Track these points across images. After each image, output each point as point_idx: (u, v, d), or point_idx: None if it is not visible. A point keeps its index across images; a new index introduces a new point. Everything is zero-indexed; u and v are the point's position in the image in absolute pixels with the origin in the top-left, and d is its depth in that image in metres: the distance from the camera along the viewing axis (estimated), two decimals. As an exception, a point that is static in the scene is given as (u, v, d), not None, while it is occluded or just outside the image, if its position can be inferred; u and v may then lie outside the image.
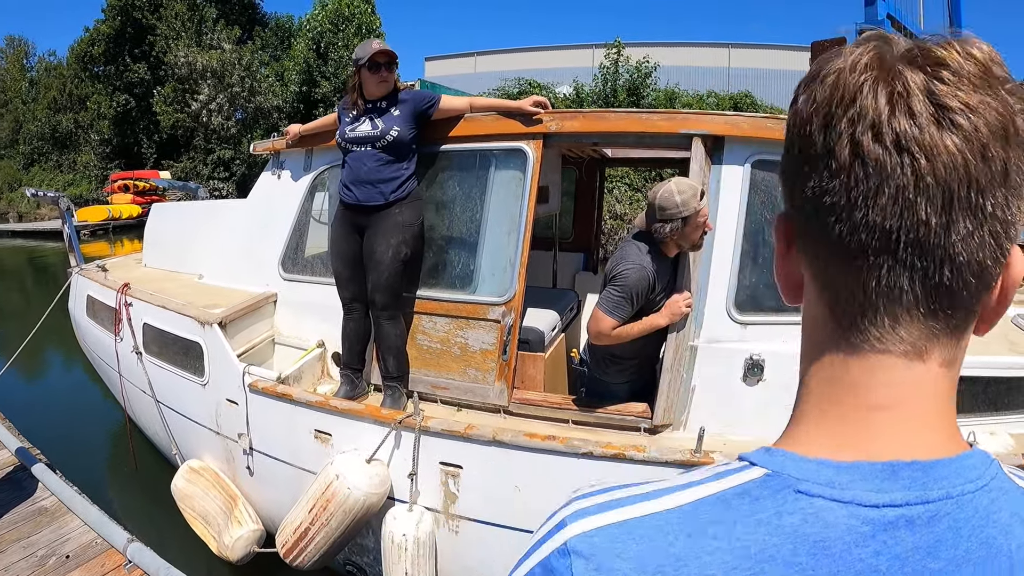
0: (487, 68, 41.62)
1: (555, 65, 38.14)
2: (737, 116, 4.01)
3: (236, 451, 4.79)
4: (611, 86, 25.23)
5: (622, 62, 25.76)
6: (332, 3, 30.07)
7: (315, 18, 29.99)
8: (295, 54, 31.32)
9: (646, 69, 25.53)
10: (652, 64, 25.70)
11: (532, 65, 38.31)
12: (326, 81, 29.15)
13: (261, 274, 5.26)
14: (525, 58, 42.28)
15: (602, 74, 26.05)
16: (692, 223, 3.68)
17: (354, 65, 4.30)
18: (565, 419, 4.10)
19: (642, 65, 25.59)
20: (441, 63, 46.21)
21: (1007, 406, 4.17)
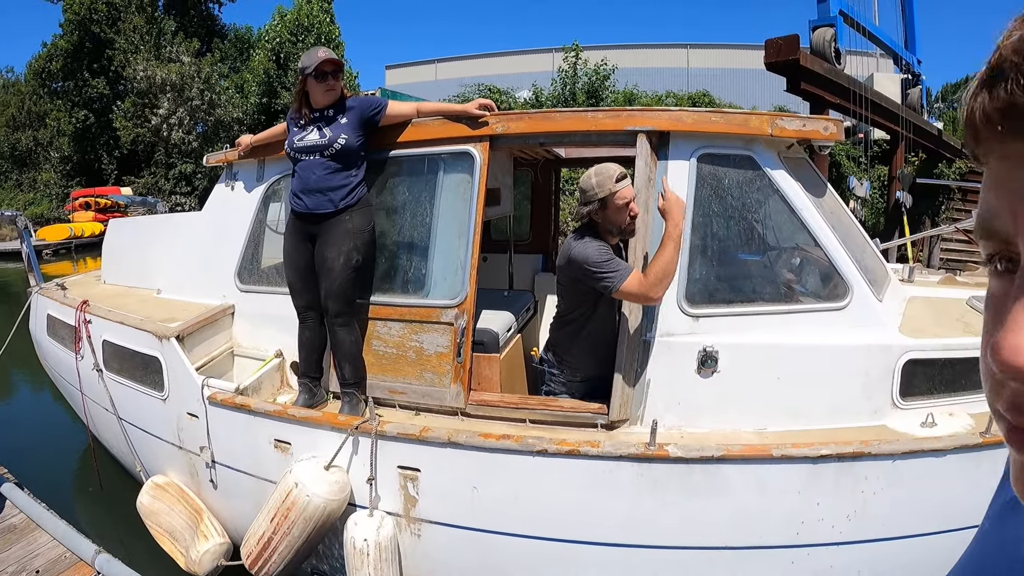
0: (448, 75, 41.86)
1: (516, 70, 38.44)
2: (681, 111, 4.07)
3: (199, 465, 4.78)
4: (570, 89, 25.51)
5: (580, 65, 26.00)
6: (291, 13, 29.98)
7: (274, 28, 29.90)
8: (254, 65, 31.17)
9: (604, 71, 25.80)
10: (610, 66, 25.95)
11: (493, 71, 38.57)
12: (286, 92, 29.09)
13: (218, 286, 5.25)
14: (486, 64, 42.54)
15: (561, 78, 26.25)
16: (611, 204, 3.78)
17: (300, 74, 4.31)
18: (522, 418, 4.13)
19: (600, 68, 25.83)
20: (402, 71, 46.35)
21: (964, 387, 4.25)
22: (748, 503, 3.66)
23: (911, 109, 18.71)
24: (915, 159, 19.91)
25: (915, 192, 17.86)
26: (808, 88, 13.82)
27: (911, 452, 3.66)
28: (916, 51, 19.91)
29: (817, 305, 4.09)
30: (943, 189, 19.83)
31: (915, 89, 19.75)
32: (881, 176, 21.04)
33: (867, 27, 16.71)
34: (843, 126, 4.28)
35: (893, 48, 19.05)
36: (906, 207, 16.93)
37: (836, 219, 4.37)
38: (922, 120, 19.90)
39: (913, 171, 18.83)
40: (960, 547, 3.02)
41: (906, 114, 17.73)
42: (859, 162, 20.19)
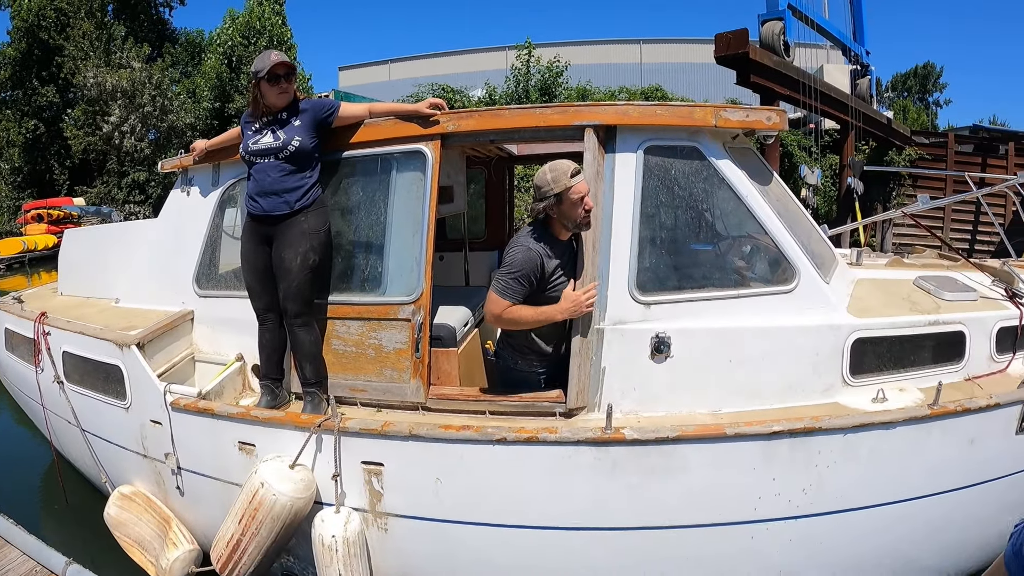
0: (402, 75, 41.69)
1: (469, 69, 38.42)
2: (627, 105, 4.18)
3: (164, 472, 4.77)
4: (523, 87, 25.58)
5: (534, 63, 26.08)
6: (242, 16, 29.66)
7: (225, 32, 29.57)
8: (206, 69, 30.74)
9: (557, 68, 25.91)
10: (563, 63, 26.07)
11: (447, 70, 38.53)
12: (239, 95, 28.76)
13: (176, 292, 5.23)
14: (439, 63, 42.45)
15: (514, 76, 26.31)
16: (567, 200, 3.87)
17: (253, 78, 4.33)
18: (482, 411, 4.20)
19: (553, 65, 25.95)
20: (355, 72, 46.10)
21: (913, 363, 4.43)
22: (706, 482, 3.78)
23: (860, 99, 19.06)
24: (865, 147, 20.29)
25: (866, 179, 18.19)
26: (758, 80, 14.03)
27: (862, 425, 3.80)
28: (865, 42, 20.27)
29: (766, 289, 4.21)
30: (893, 176, 20.25)
31: (864, 80, 20.11)
32: (832, 165, 21.39)
33: (816, 20, 17.00)
34: (786, 116, 4.41)
35: (842, 40, 19.37)
36: (857, 193, 17.25)
37: (782, 206, 4.50)
38: (872, 109, 20.28)
39: (863, 159, 19.17)
40: (915, 516, 3.18)
41: (855, 104, 18.08)
42: (810, 152, 20.49)
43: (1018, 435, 4.20)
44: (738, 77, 14.27)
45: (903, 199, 19.30)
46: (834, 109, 17.56)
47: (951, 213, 19.25)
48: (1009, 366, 4.73)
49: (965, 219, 19.44)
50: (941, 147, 21.44)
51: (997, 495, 4.31)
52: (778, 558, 3.98)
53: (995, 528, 4.57)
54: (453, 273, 6.88)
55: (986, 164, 19.76)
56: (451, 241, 7.04)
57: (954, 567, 4.60)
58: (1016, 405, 4.12)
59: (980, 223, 19.15)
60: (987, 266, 5.70)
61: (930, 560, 4.42)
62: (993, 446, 4.16)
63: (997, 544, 4.78)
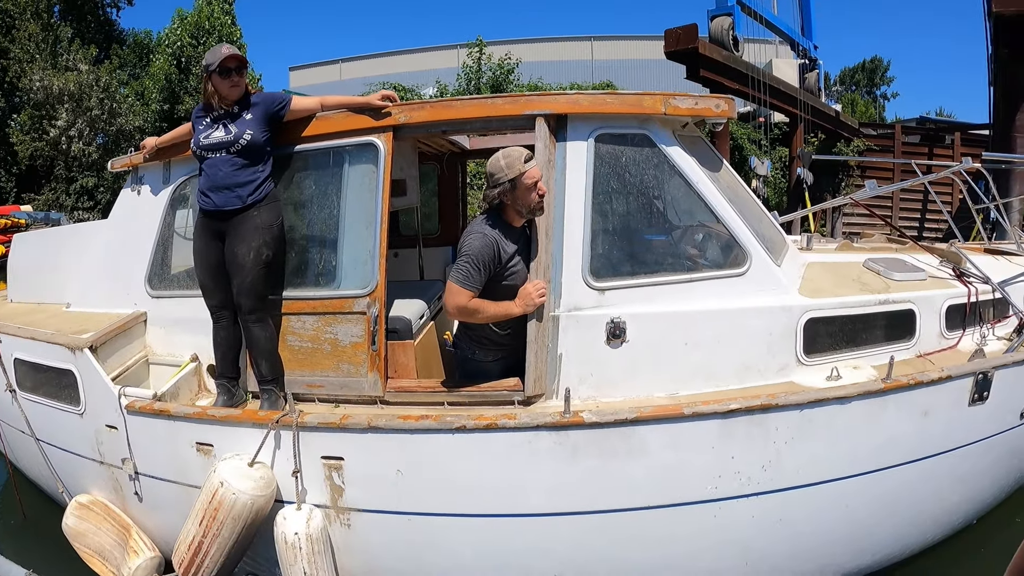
0: (353, 75, 41.34)
1: (421, 67, 38.21)
2: (578, 94, 4.23)
3: (122, 478, 4.70)
4: (474, 85, 25.56)
5: (485, 60, 26.11)
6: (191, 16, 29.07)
7: (174, 32, 28.90)
8: (155, 71, 30.03)
9: (508, 66, 25.96)
10: (514, 60, 26.13)
11: (398, 69, 38.36)
12: (189, 97, 28.13)
13: (129, 294, 5.14)
14: (391, 62, 42.18)
15: (465, 74, 26.32)
16: (520, 185, 3.90)
17: (204, 72, 4.31)
18: (440, 402, 4.20)
19: (504, 62, 25.99)
20: (306, 72, 45.63)
21: (865, 341, 4.54)
22: (666, 462, 3.83)
23: (809, 92, 19.41)
24: (814, 140, 20.62)
25: (816, 170, 18.49)
26: (707, 75, 14.24)
27: (817, 401, 3.89)
28: (813, 37, 20.67)
29: (718, 272, 4.28)
30: (842, 166, 20.62)
31: (812, 73, 20.49)
32: (782, 157, 21.70)
33: (765, 15, 17.29)
34: (735, 104, 4.48)
35: (790, 35, 19.75)
36: (807, 184, 17.55)
37: (732, 192, 4.57)
38: (820, 102, 20.66)
39: (812, 150, 19.49)
40: (873, 488, 3.26)
41: (804, 97, 18.40)
42: (760, 145, 20.78)
43: (970, 407, 4.32)
44: (688, 72, 14.48)
45: (852, 189, 19.62)
46: (783, 103, 17.88)
47: (899, 201, 19.66)
48: (959, 342, 4.86)
49: (913, 207, 19.88)
50: (888, 138, 21.89)
51: (951, 466, 4.44)
52: (741, 534, 4.06)
53: (950, 498, 4.71)
54: (407, 269, 6.86)
55: (932, 154, 20.19)
56: (405, 237, 7.02)
57: (912, 537, 4.72)
58: (967, 378, 4.25)
59: (928, 210, 19.57)
60: (935, 248, 5.86)
61: (889, 531, 4.53)
62: (946, 418, 4.28)
63: (953, 514, 4.92)
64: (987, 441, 4.58)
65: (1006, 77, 16.80)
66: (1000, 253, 6.15)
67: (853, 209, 18.21)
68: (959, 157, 18.37)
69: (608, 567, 4.04)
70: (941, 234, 17.24)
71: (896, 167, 19.10)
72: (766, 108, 17.07)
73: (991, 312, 5.10)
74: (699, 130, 4.75)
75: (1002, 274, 5.23)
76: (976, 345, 4.76)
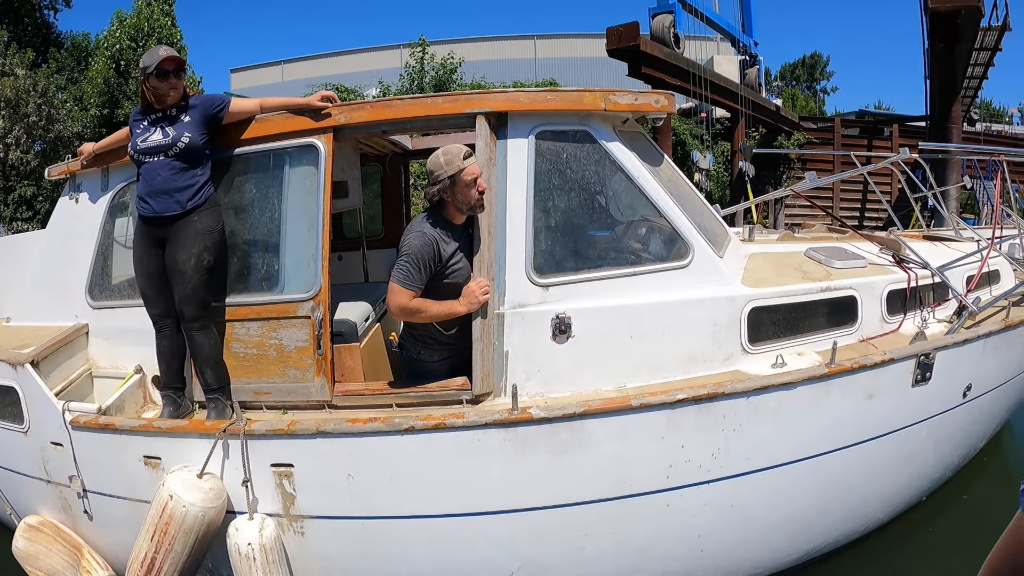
0: (295, 76, 40.93)
1: (364, 68, 37.98)
2: (518, 92, 4.26)
3: (70, 497, 4.60)
4: (417, 84, 25.48)
5: (427, 60, 26.06)
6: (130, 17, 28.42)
7: (113, 34, 28.20)
8: (93, 74, 29.31)
9: (451, 65, 25.94)
10: (457, 60, 26.13)
11: (341, 70, 38.12)
12: (128, 101, 27.46)
13: (70, 306, 5.02)
14: (333, 63, 41.85)
15: (408, 73, 26.23)
16: (460, 182, 3.91)
17: (141, 74, 4.23)
18: (388, 404, 4.19)
19: (447, 61, 25.97)
20: (247, 74, 45.02)
21: (809, 328, 4.63)
22: (615, 454, 3.87)
23: (750, 88, 19.70)
24: (756, 134, 20.93)
25: (757, 164, 18.81)
26: (649, 72, 14.39)
27: (763, 388, 3.96)
28: (753, 34, 20.95)
29: (662, 265, 4.33)
30: (783, 159, 20.99)
31: (752, 69, 20.76)
32: (724, 152, 22.01)
33: (705, 13, 17.54)
34: (675, 99, 4.53)
35: (730, 31, 20.02)
36: (749, 176, 17.87)
37: (674, 186, 4.63)
38: (760, 97, 20.99)
39: (754, 144, 19.78)
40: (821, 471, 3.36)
41: (744, 92, 18.69)
42: (703, 140, 21.03)
43: (914, 388, 4.44)
44: (629, 69, 14.63)
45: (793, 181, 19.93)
46: (724, 98, 18.15)
47: (840, 192, 20.09)
48: (901, 326, 4.97)
49: (853, 197, 20.36)
50: (828, 131, 22.36)
51: (897, 446, 4.56)
52: (695, 522, 4.12)
53: (899, 477, 4.83)
54: (352, 272, 6.82)
55: (872, 146, 20.77)
56: (349, 240, 6.98)
57: (863, 517, 4.83)
58: (910, 359, 4.36)
59: (868, 200, 20.01)
60: (874, 236, 5.99)
61: (840, 512, 4.64)
62: (891, 400, 4.40)
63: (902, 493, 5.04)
64: (932, 420, 4.71)
65: (941, 70, 17.34)
66: (938, 239, 6.32)
67: (795, 201, 18.52)
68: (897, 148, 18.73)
69: (565, 561, 4.07)
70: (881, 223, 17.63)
71: (836, 159, 19.51)
72: (707, 104, 17.28)
73: (931, 296, 5.22)
74: (640, 126, 4.79)
75: (941, 259, 5.38)
76: (917, 328, 4.88)
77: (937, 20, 16.22)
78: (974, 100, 23.85)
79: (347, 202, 5.92)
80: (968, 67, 18.14)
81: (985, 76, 20.28)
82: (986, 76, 20.32)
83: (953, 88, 17.33)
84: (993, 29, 17.48)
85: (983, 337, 4.81)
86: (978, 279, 5.44)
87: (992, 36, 17.78)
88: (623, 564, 4.15)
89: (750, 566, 4.53)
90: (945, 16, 15.78)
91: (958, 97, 17.73)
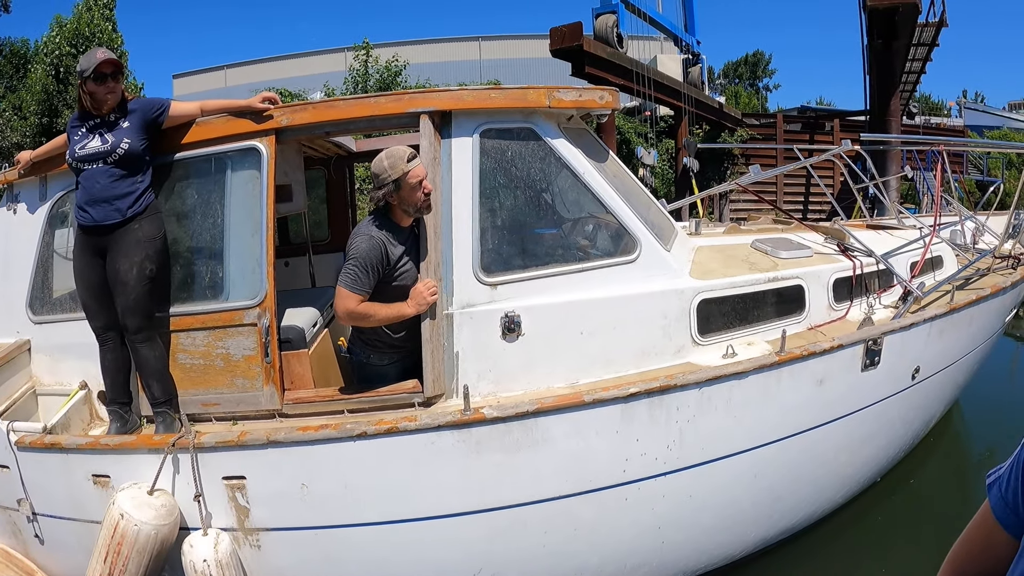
0: (239, 81, 40.37)
1: (308, 72, 37.64)
2: (462, 90, 4.22)
3: (20, 521, 4.48)
4: (362, 87, 25.28)
5: (372, 63, 25.90)
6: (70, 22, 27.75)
7: (52, 40, 27.48)
8: (32, 82, 28.57)
9: (395, 68, 25.82)
10: (402, 62, 26.02)
11: (285, 74, 37.68)
12: (69, 110, 26.73)
13: (10, 321, 4.88)
14: (277, 67, 41.40)
15: (352, 77, 26.05)
16: (405, 185, 3.87)
17: (78, 78, 4.11)
18: (340, 410, 4.14)
19: (391, 64, 25.85)
20: (190, 80, 44.32)
21: (757, 318, 4.69)
22: (571, 451, 3.87)
23: (692, 86, 19.92)
24: (699, 131, 21.20)
25: (701, 160, 19.09)
26: (592, 71, 14.46)
27: (715, 378, 4.01)
28: (696, 33, 21.21)
29: (609, 260, 4.34)
30: (727, 155, 21.32)
31: (696, 68, 21.04)
32: (668, 149, 22.21)
33: (648, 13, 17.71)
34: (619, 95, 4.56)
35: (673, 31, 20.24)
36: (693, 172, 18.10)
37: (619, 182, 4.64)
38: (703, 95, 21.29)
39: (698, 140, 20.03)
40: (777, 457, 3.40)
41: (687, 90, 18.90)
42: (647, 138, 21.21)
43: (864, 372, 4.52)
44: (573, 69, 14.70)
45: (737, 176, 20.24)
46: (667, 96, 18.32)
47: (783, 186, 20.47)
48: (848, 313, 5.07)
49: (797, 190, 20.77)
50: (771, 127, 22.75)
51: (850, 430, 4.66)
52: (655, 514, 4.15)
53: (853, 460, 4.92)
54: (299, 277, 6.74)
55: (813, 140, 21.21)
56: (295, 245, 6.90)
57: (819, 501, 4.92)
58: (858, 345, 4.45)
59: (811, 193, 20.38)
60: (819, 227, 6.11)
61: (797, 497, 4.73)
62: (841, 385, 4.49)
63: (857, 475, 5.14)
64: (883, 403, 4.82)
65: (880, 66, 17.76)
66: (882, 228, 6.46)
67: (739, 195, 18.84)
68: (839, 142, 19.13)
69: (527, 559, 4.07)
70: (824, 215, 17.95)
71: (778, 153, 19.82)
72: (651, 103, 17.44)
73: (876, 283, 5.34)
74: (585, 123, 4.81)
75: (885, 247, 5.50)
76: (864, 314, 4.97)
77: (875, 17, 16.57)
78: (912, 94, 24.48)
79: (292, 206, 5.85)
80: (906, 62, 18.58)
81: (923, 71, 20.83)
82: (924, 71, 20.87)
83: (892, 83, 17.72)
84: (930, 25, 17.95)
85: (929, 320, 4.92)
86: (921, 265, 5.56)
87: (929, 32, 18.26)
88: (585, 559, 4.17)
89: (710, 555, 4.58)
90: (883, 13, 16.14)
91: (897, 91, 18.14)
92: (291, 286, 6.26)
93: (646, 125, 21.30)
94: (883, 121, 17.57)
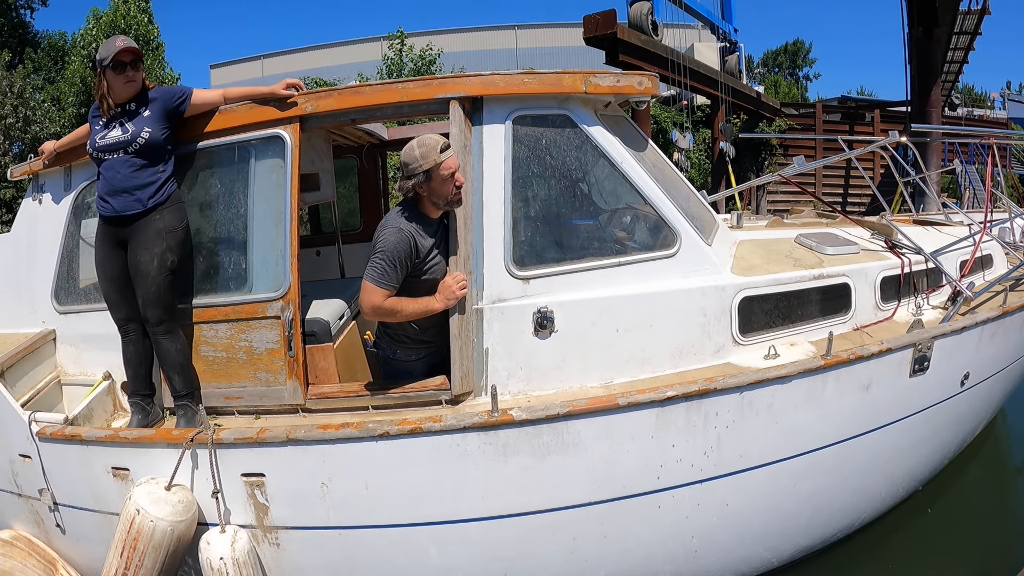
0: (275, 70, 40.67)
1: (343, 61, 37.74)
2: (493, 75, 4.06)
3: (42, 510, 4.44)
4: (396, 76, 25.22)
5: (406, 52, 25.84)
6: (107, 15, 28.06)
7: (89, 32, 27.84)
8: (70, 74, 28.96)
9: (430, 56, 25.72)
10: (436, 51, 25.92)
11: (321, 63, 37.88)
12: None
13: (35, 312, 4.88)
14: (313, 57, 41.69)
15: (386, 66, 26.00)
16: (436, 176, 3.74)
17: (98, 67, 4.04)
18: (364, 406, 4.05)
19: (426, 53, 25.76)
20: (227, 70, 44.75)
21: (801, 317, 4.50)
22: (603, 456, 3.71)
23: (730, 75, 19.66)
24: (737, 121, 20.91)
25: (738, 149, 18.90)
26: (627, 60, 14.27)
27: (757, 383, 3.81)
28: (732, 20, 20.93)
29: (647, 255, 4.18)
30: (765, 145, 21.00)
31: (732, 56, 20.74)
32: (705, 139, 21.97)
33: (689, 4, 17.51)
34: (657, 80, 4.38)
35: (709, 18, 19.98)
36: (730, 157, 17.85)
37: (659, 172, 4.48)
38: (741, 84, 21.00)
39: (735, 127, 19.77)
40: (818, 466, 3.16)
41: (724, 79, 18.65)
42: (683, 127, 20.97)
43: (912, 378, 4.31)
44: (607, 57, 14.53)
45: (775, 167, 19.99)
46: (704, 85, 18.08)
47: (822, 178, 20.12)
48: (895, 313, 4.86)
49: (836, 183, 20.50)
50: (810, 117, 22.45)
51: (896, 438, 4.45)
52: (689, 523, 3.98)
53: (897, 469, 4.72)
54: (329, 267, 6.67)
55: (853, 131, 20.89)
56: (327, 234, 6.83)
57: (860, 510, 4.74)
58: (907, 349, 4.23)
59: (851, 185, 20.04)
60: (865, 221, 5.89)
61: (837, 506, 4.54)
62: (888, 391, 4.27)
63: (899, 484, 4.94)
64: (930, 410, 4.60)
65: (920, 55, 17.33)
66: (929, 223, 6.21)
67: (777, 187, 18.53)
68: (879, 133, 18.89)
69: (554, 566, 3.94)
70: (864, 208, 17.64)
71: (818, 144, 19.51)
72: (687, 91, 17.23)
73: (925, 282, 5.12)
74: (622, 110, 4.64)
75: (933, 244, 5.28)
76: (912, 315, 4.78)
77: (916, 4, 16.20)
78: (955, 85, 23.98)
79: (320, 195, 5.76)
80: (948, 51, 18.19)
81: (966, 60, 20.36)
82: (966, 60, 20.39)
83: (932, 73, 17.35)
84: (973, 12, 17.54)
85: (980, 324, 4.68)
86: (971, 264, 5.34)
87: (972, 20, 17.85)
88: (614, 568, 4.02)
89: (744, 565, 4.42)
90: (923, 1, 15.78)
91: (938, 81, 17.75)
92: (322, 276, 6.20)
93: (683, 115, 21.08)
94: (924, 112, 17.22)
